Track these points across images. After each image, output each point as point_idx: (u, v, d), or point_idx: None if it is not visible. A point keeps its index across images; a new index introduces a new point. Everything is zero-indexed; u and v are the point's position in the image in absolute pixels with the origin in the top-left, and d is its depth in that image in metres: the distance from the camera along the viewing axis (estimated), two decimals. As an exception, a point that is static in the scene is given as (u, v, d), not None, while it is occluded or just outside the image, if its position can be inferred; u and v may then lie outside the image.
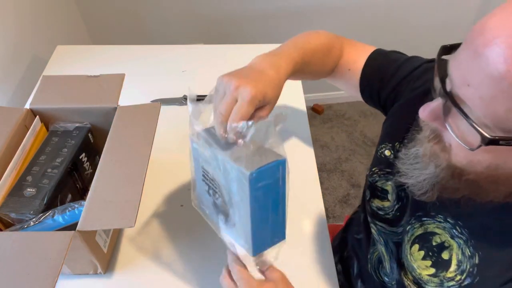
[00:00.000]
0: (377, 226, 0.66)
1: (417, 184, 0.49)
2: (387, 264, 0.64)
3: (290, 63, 0.61)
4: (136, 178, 0.59)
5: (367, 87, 0.73)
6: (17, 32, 1.07)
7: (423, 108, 0.44)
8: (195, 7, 1.58)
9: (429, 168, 0.47)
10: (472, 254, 0.49)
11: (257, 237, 0.49)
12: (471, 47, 0.37)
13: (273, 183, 0.47)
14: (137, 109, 0.70)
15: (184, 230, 0.75)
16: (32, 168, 0.66)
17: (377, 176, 0.66)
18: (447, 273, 0.51)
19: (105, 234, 0.67)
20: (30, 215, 0.60)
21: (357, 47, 0.76)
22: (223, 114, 0.49)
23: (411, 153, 0.50)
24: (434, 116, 0.43)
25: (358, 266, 0.78)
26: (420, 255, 0.55)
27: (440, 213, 0.53)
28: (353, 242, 0.81)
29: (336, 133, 2.03)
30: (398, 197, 0.62)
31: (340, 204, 1.74)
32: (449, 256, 0.51)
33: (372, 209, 0.67)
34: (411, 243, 0.57)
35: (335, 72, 0.76)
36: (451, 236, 0.52)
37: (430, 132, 0.46)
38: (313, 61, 0.68)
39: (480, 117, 0.37)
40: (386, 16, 1.74)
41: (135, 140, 0.65)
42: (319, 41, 0.71)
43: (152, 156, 0.63)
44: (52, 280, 0.47)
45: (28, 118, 0.71)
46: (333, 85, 0.82)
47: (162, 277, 0.69)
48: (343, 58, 0.75)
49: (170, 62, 1.11)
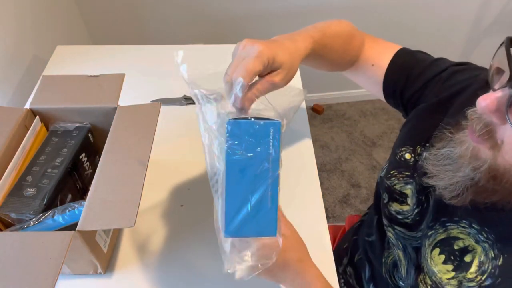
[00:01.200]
0: (395, 230, 0.64)
1: (448, 186, 0.47)
2: (403, 269, 0.63)
3: (308, 40, 0.58)
4: (136, 178, 0.59)
5: (391, 85, 0.70)
6: (17, 32, 1.07)
7: (483, 98, 0.41)
8: (196, 7, 1.58)
9: (464, 170, 0.45)
10: (496, 256, 0.48)
11: (231, 214, 0.43)
12: None
13: (259, 152, 0.42)
14: (137, 109, 0.70)
15: (184, 230, 0.75)
16: (32, 168, 0.66)
17: (395, 179, 0.64)
18: (467, 273, 0.50)
19: (105, 234, 0.67)
20: (30, 215, 0.60)
21: (380, 43, 0.74)
22: (228, 74, 0.46)
23: (442, 153, 0.48)
24: (496, 107, 0.40)
25: (370, 269, 0.76)
26: (440, 259, 0.53)
27: (465, 219, 0.51)
28: (364, 244, 0.79)
29: (336, 133, 2.03)
30: (418, 201, 0.60)
31: (340, 204, 1.74)
32: (472, 259, 0.50)
33: (391, 213, 0.65)
34: (432, 247, 0.55)
35: (357, 66, 0.74)
36: (476, 241, 0.50)
37: (482, 126, 0.43)
38: (333, 46, 0.66)
39: None
40: (386, 16, 1.74)
41: (135, 140, 0.65)
42: (341, 28, 0.68)
43: (152, 156, 0.63)
44: (52, 280, 0.47)
45: (28, 118, 0.71)
46: (353, 80, 0.79)
47: (162, 277, 0.69)
48: (366, 52, 0.73)
49: (170, 62, 1.11)
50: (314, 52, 0.60)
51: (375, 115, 2.10)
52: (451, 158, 0.47)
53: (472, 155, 0.44)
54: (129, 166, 0.61)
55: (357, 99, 2.14)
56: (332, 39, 0.65)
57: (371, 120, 2.08)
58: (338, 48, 0.67)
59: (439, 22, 1.79)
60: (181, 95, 1.00)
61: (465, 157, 0.45)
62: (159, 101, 0.72)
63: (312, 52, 0.59)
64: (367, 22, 1.74)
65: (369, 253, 0.77)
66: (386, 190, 0.66)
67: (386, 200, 0.66)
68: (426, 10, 1.75)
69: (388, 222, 0.66)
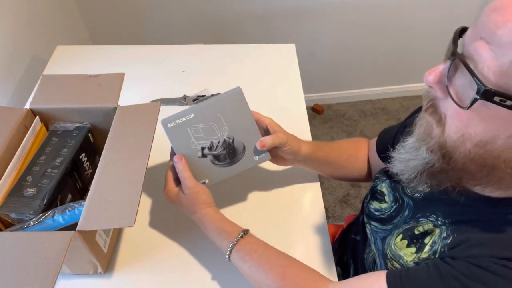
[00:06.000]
0: (371, 225, 0.68)
1: (404, 169, 0.51)
2: (377, 261, 0.66)
3: (309, 145, 0.75)
4: (136, 177, 0.59)
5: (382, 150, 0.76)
6: (17, 32, 1.07)
7: (428, 71, 0.45)
8: (196, 7, 1.58)
9: (419, 152, 0.49)
10: (448, 236, 0.51)
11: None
12: (491, 6, 0.40)
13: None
14: (137, 109, 0.70)
15: (184, 230, 0.75)
16: (32, 168, 0.66)
17: (378, 180, 0.69)
18: (422, 253, 0.53)
19: (105, 234, 0.67)
20: (30, 215, 0.60)
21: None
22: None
23: (406, 144, 0.52)
24: (438, 78, 0.44)
25: (354, 268, 0.80)
26: (404, 244, 0.57)
27: (434, 213, 0.55)
28: (352, 243, 0.83)
29: (336, 133, 2.03)
30: (395, 198, 0.64)
31: (340, 204, 1.74)
32: (429, 240, 0.53)
33: (370, 210, 0.69)
34: (396, 235, 0.59)
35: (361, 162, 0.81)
36: (434, 225, 0.54)
37: (428, 100, 0.48)
38: (339, 159, 0.79)
39: (483, 70, 0.39)
40: (386, 16, 1.74)
41: (135, 140, 0.65)
42: (349, 145, 0.82)
43: (152, 156, 0.63)
44: (51, 280, 0.47)
45: (28, 118, 0.71)
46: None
47: (162, 277, 0.69)
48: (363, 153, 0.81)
49: (170, 62, 1.11)
50: (317, 158, 0.76)
51: (375, 115, 2.10)
52: (412, 146, 0.51)
53: (426, 134, 0.48)
54: (129, 166, 0.61)
55: (357, 99, 2.14)
56: (338, 153, 0.79)
57: (371, 120, 2.08)
58: (342, 162, 0.79)
59: (439, 22, 1.79)
60: (181, 95, 1.00)
61: (421, 138, 0.49)
62: (159, 101, 0.72)
63: (313, 157, 0.75)
64: (367, 22, 1.74)
65: (355, 251, 0.80)
66: (370, 191, 0.72)
67: (368, 199, 0.71)
68: (426, 10, 1.74)
69: (367, 219, 0.70)
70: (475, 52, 0.40)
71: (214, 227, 0.65)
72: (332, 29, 1.75)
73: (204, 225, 0.66)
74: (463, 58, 0.41)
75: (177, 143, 0.68)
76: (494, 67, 0.38)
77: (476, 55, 0.40)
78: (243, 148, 0.70)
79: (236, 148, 0.70)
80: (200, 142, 0.68)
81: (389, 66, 1.98)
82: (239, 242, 0.62)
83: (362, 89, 2.10)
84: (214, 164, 0.69)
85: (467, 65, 0.40)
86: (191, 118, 0.67)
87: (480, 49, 0.40)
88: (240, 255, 0.62)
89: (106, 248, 0.67)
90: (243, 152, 0.70)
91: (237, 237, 0.62)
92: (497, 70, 0.38)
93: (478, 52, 0.40)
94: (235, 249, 0.62)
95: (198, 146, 0.68)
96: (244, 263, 0.61)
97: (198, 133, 0.68)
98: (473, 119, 0.42)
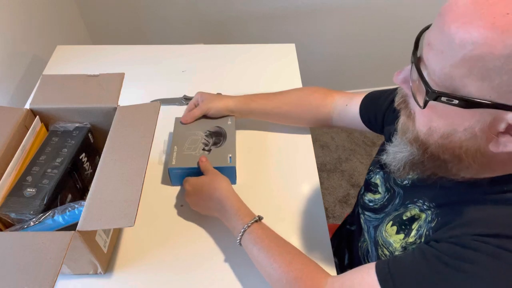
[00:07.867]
0: (365, 215, 0.71)
1: (392, 161, 0.55)
2: (370, 249, 0.68)
3: (242, 101, 0.85)
4: (136, 177, 0.59)
5: (365, 115, 0.80)
6: (17, 32, 1.07)
7: (397, 72, 0.49)
8: (195, 7, 1.58)
9: (403, 145, 0.52)
10: (432, 220, 0.53)
11: None
12: (439, 11, 0.42)
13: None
14: (137, 109, 0.70)
15: (184, 230, 0.75)
16: (32, 168, 0.66)
17: (372, 173, 0.73)
18: (409, 238, 0.56)
19: (105, 234, 0.67)
20: (30, 215, 0.60)
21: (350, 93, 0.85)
22: (184, 115, 0.85)
23: (395, 138, 0.55)
24: (403, 79, 0.48)
25: (349, 256, 0.84)
26: (393, 231, 0.60)
27: (421, 198, 0.57)
28: (347, 233, 0.87)
29: (336, 133, 2.03)
30: (386, 189, 0.67)
31: (340, 204, 1.74)
32: (416, 225, 0.56)
33: (364, 202, 0.72)
34: (387, 222, 0.62)
35: (333, 114, 0.84)
36: (420, 210, 0.56)
37: (399, 97, 0.52)
38: (291, 111, 0.86)
39: (431, 73, 0.43)
40: (386, 16, 1.74)
41: (135, 140, 0.65)
42: (300, 95, 0.88)
43: (152, 155, 0.63)
44: (51, 280, 0.47)
45: (28, 118, 0.71)
46: (339, 126, 0.89)
47: (162, 277, 0.69)
48: (338, 100, 0.84)
49: (170, 62, 1.11)
50: (261, 111, 0.86)
51: (375, 115, 2.11)
52: (398, 140, 0.54)
53: (404, 128, 0.51)
54: (129, 166, 0.61)
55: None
56: (288, 106, 0.85)
57: (371, 120, 2.09)
58: (296, 113, 0.86)
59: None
60: (181, 95, 1.00)
61: (401, 132, 0.52)
62: (159, 101, 0.72)
63: (254, 111, 0.85)
64: (367, 22, 1.74)
65: (350, 241, 0.85)
66: (364, 183, 0.75)
67: (362, 191, 0.75)
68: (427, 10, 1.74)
69: (361, 210, 0.73)
70: (425, 56, 0.44)
71: (233, 205, 0.68)
72: (332, 29, 1.75)
73: (223, 203, 0.69)
74: (418, 62, 0.45)
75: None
76: (439, 70, 0.41)
77: (425, 59, 0.44)
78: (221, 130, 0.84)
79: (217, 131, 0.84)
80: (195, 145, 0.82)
81: (389, 66, 1.98)
82: (253, 225, 0.65)
83: (362, 89, 2.11)
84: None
85: (418, 68, 0.44)
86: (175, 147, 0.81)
87: (427, 53, 0.43)
88: (252, 237, 0.65)
89: (106, 248, 0.67)
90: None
91: (252, 220, 0.66)
92: (441, 73, 0.41)
93: (426, 56, 0.43)
94: (248, 230, 0.65)
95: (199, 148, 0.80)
96: (255, 245, 0.64)
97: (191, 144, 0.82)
98: (433, 115, 0.45)
